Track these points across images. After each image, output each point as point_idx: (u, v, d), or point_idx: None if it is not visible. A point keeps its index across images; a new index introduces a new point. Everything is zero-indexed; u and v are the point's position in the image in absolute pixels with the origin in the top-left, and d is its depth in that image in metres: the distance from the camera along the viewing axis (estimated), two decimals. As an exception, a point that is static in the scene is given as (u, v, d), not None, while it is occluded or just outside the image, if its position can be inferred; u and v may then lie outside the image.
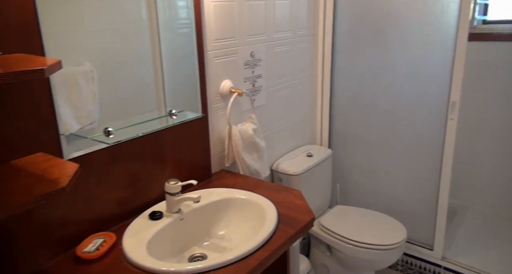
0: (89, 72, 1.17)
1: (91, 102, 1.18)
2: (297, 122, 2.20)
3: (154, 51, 1.35)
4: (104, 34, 1.18)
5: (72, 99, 1.12)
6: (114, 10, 1.19)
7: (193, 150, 1.53)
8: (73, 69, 1.12)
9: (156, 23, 1.34)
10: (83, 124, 1.16)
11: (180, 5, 1.41)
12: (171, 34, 1.39)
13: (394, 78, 2.04)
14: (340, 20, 2.12)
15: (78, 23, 1.10)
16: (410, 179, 2.13)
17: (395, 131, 2.12)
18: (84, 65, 1.15)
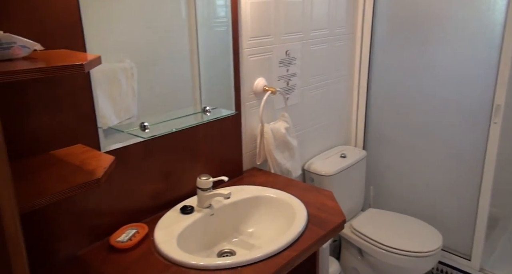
0: (129, 68, 1.21)
1: (130, 97, 1.22)
2: (331, 122, 2.16)
3: (192, 49, 1.37)
4: (144, 32, 1.21)
5: (113, 94, 1.16)
6: (154, 9, 1.22)
7: (225, 147, 1.55)
8: (114, 65, 1.17)
9: (195, 21, 1.36)
10: (122, 119, 1.20)
11: (218, 3, 1.43)
12: (208, 32, 1.41)
13: (435, 79, 1.96)
14: (380, 18, 2.06)
15: (119, 21, 1.14)
16: (448, 184, 2.05)
17: (433, 134, 2.04)
18: (124, 62, 1.19)
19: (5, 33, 0.77)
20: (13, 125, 0.94)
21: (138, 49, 1.21)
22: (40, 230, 1.04)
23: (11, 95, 0.93)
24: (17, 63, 0.77)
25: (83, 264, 1.09)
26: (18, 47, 0.78)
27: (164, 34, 1.27)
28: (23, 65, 0.75)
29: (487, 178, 1.87)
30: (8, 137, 0.94)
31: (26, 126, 0.97)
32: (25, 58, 0.81)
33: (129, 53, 1.19)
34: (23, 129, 0.96)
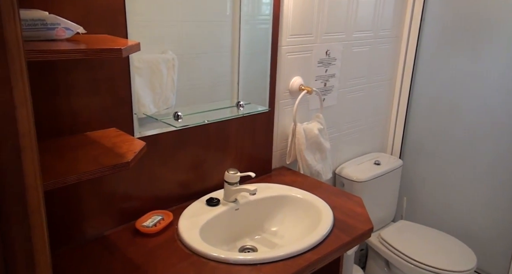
0: (171, 60, 1.23)
1: (170, 88, 1.24)
2: (368, 127, 2.10)
3: (234, 44, 1.38)
4: (188, 25, 1.23)
5: (153, 84, 1.19)
6: (199, 3, 1.23)
7: (255, 143, 1.54)
8: (157, 56, 1.19)
9: (239, 17, 1.36)
10: (160, 108, 1.23)
11: (264, 1, 1.42)
12: (251, 29, 1.41)
13: (483, 90, 1.85)
14: (429, 22, 1.98)
15: (164, 13, 1.16)
16: (488, 202, 1.93)
17: (477, 147, 1.93)
18: (167, 53, 1.22)
19: (50, 14, 0.80)
20: (54, 105, 0.98)
21: (180, 41, 1.23)
22: (71, 208, 1.08)
23: (55, 75, 0.97)
24: (59, 43, 0.79)
25: (109, 244, 1.12)
26: (61, 29, 0.81)
27: (207, 28, 1.28)
28: (65, 45, 0.78)
29: (533, 198, 1.74)
30: (49, 115, 0.98)
31: (66, 106, 1.00)
32: (68, 40, 0.84)
33: (172, 45, 1.21)
34: (63, 109, 1.00)
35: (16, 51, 0.42)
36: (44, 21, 0.78)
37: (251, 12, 1.40)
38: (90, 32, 0.98)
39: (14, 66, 0.43)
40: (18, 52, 0.42)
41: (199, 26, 1.26)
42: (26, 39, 0.78)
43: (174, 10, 1.18)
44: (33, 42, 0.77)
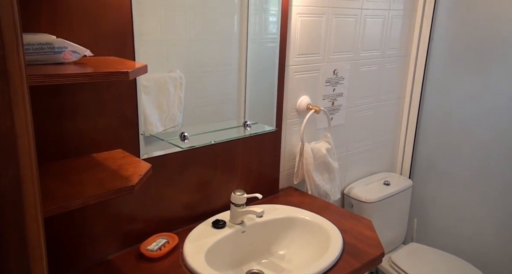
0: (178, 78, 1.23)
1: (177, 106, 1.23)
2: (377, 147, 2.07)
3: (240, 63, 1.37)
4: (195, 43, 1.23)
5: (160, 102, 1.18)
6: (207, 22, 1.23)
7: (263, 163, 1.52)
8: (165, 75, 1.19)
9: (246, 36, 1.36)
10: (166, 127, 1.22)
11: (271, 20, 1.43)
12: (258, 48, 1.41)
13: (494, 110, 1.82)
14: (437, 41, 1.97)
15: (172, 32, 1.16)
16: (500, 225, 1.87)
17: (488, 170, 1.88)
18: (174, 72, 1.22)
19: (58, 38, 0.80)
20: (60, 127, 0.97)
21: (188, 60, 1.23)
22: (74, 231, 1.06)
23: (60, 97, 0.96)
24: (67, 67, 0.79)
25: (113, 269, 1.09)
26: (69, 52, 0.81)
27: (214, 47, 1.28)
28: (71, 69, 0.77)
29: (549, 221, 1.69)
30: (54, 137, 0.97)
31: (72, 128, 0.99)
32: (75, 63, 0.83)
33: (179, 63, 1.21)
34: (69, 130, 0.99)
35: (19, 81, 0.40)
36: (51, 45, 0.78)
37: (258, 31, 1.40)
38: (98, 54, 0.98)
39: (16, 96, 0.42)
40: (21, 82, 0.41)
41: (207, 45, 1.26)
42: (33, 63, 0.77)
43: (181, 29, 1.18)
44: (39, 66, 0.77)
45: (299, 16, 1.51)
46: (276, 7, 1.41)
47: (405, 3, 1.90)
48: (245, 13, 1.34)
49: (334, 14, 1.62)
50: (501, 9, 1.73)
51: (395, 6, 1.87)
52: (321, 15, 1.58)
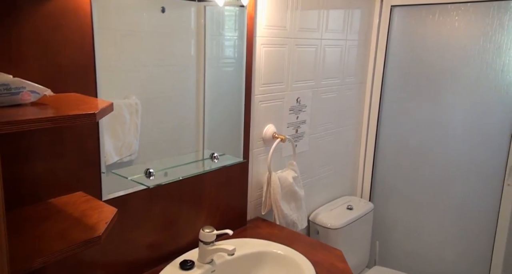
0: (134, 105, 1.17)
1: (133, 134, 1.17)
2: (339, 171, 2.10)
3: (198, 88, 1.34)
4: (151, 69, 1.19)
5: (115, 130, 1.12)
6: (163, 47, 1.20)
7: (230, 195, 1.47)
8: (120, 101, 1.13)
9: (204, 61, 1.34)
10: (122, 156, 1.15)
11: (227, 44, 1.42)
12: (216, 73, 1.39)
13: (447, 136, 1.93)
14: (391, 69, 2.06)
15: (127, 57, 1.12)
16: (459, 245, 1.96)
17: (445, 191, 1.98)
18: (130, 98, 1.16)
19: (14, 78, 0.72)
20: (14, 172, 0.88)
21: (144, 85, 1.18)
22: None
23: (14, 139, 0.87)
24: (25, 110, 0.72)
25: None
26: (27, 92, 0.73)
27: (171, 72, 1.24)
28: (31, 112, 0.70)
29: (500, 239, 1.79)
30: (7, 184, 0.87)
31: (28, 173, 0.90)
32: (34, 104, 0.76)
33: (135, 89, 1.16)
34: (24, 175, 0.89)
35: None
36: (8, 86, 0.70)
37: (216, 56, 1.38)
38: (58, 90, 0.91)
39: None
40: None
41: (163, 70, 1.22)
42: (-14, 106, 0.69)
43: (137, 55, 1.14)
44: (-6, 109, 0.69)
45: (263, 47, 1.52)
46: (232, 32, 1.41)
47: (359, 33, 1.99)
48: (202, 38, 1.32)
49: (295, 44, 1.65)
50: (449, 41, 1.86)
51: (351, 37, 1.94)
52: (283, 46, 1.60)
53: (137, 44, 1.13)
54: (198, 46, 1.32)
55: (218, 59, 1.40)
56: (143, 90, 1.18)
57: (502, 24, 1.67)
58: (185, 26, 1.26)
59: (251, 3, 1.38)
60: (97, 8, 1.00)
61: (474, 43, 1.76)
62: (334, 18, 1.81)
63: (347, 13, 1.88)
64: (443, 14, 1.84)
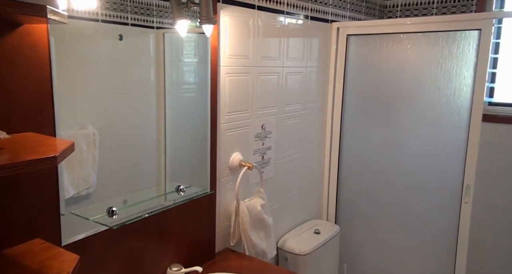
0: (92, 135, 1.12)
1: (90, 166, 1.11)
2: (305, 195, 2.11)
3: (159, 116, 1.31)
4: (109, 97, 1.15)
5: (71, 163, 1.05)
6: (123, 74, 1.17)
7: (198, 228, 1.43)
8: (76, 132, 1.08)
9: (164, 88, 1.31)
10: (79, 189, 1.09)
11: (187, 70, 1.41)
12: (176, 99, 1.36)
13: (406, 157, 2.00)
14: (350, 94, 2.13)
15: (87, 87, 1.08)
16: (423, 262, 2.01)
17: (406, 211, 2.04)
18: (87, 129, 1.11)
19: (-33, 123, 0.66)
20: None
21: (102, 114, 1.14)
22: None
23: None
24: (-23, 157, 0.65)
25: None
26: (-20, 137, 0.67)
27: (130, 100, 1.21)
28: (-16, 160, 0.64)
29: (460, 255, 1.86)
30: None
31: (-25, 221, 0.82)
32: (-13, 149, 0.70)
33: (93, 119, 1.11)
34: (-30, 224, 0.81)
35: None
36: (-44, 132, 0.64)
37: (176, 82, 1.36)
38: (14, 129, 0.84)
39: None
40: None
41: (122, 98, 1.18)
42: None
43: (94, 83, 1.10)
44: None
45: (227, 76, 1.51)
46: (192, 58, 1.40)
47: (318, 61, 2.05)
48: (162, 65, 1.30)
49: (258, 72, 1.67)
50: (403, 67, 1.95)
51: (311, 64, 1.99)
52: (247, 74, 1.61)
53: (95, 72, 1.09)
54: (158, 72, 1.30)
55: (179, 85, 1.38)
56: (101, 120, 1.14)
57: (451, 52, 1.78)
58: (144, 53, 1.24)
59: (214, 34, 1.38)
60: (55, 40, 0.95)
61: (427, 70, 1.86)
62: (294, 47, 1.85)
63: (306, 42, 1.93)
64: (397, 43, 1.94)
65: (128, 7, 1.16)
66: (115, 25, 1.13)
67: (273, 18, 1.70)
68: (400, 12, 2.50)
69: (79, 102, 1.07)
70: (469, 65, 1.74)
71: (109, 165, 1.17)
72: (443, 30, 1.79)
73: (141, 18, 1.20)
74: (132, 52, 1.20)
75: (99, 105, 1.12)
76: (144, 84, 1.25)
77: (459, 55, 1.76)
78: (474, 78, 1.73)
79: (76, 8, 1.00)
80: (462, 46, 1.75)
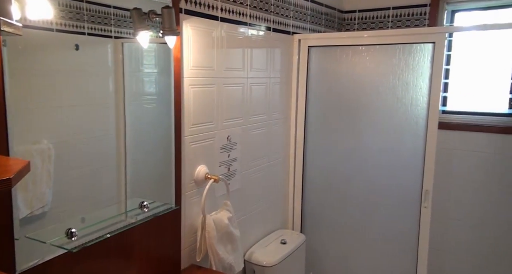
0: (47, 150, 1.06)
1: (45, 183, 1.05)
2: (271, 206, 2.11)
3: (119, 128, 1.26)
4: (67, 109, 1.10)
5: (24, 180, 0.98)
6: (80, 85, 1.13)
7: (162, 245, 1.38)
8: (30, 147, 1.02)
9: (123, 98, 1.27)
10: (33, 208, 1.02)
11: (147, 80, 1.38)
12: (137, 110, 1.32)
13: (367, 164, 2.06)
14: (313, 104, 2.17)
15: (41, 99, 1.02)
16: (385, 268, 2.06)
17: (369, 217, 2.08)
18: (41, 143, 1.05)
19: None
20: None
21: (58, 127, 1.08)
22: None
23: None
24: None
25: None
26: None
27: (88, 112, 1.16)
28: None
29: (421, 259, 1.92)
30: None
31: None
32: None
33: (48, 133, 1.06)
34: None
35: None
36: None
37: (136, 93, 1.32)
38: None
39: None
40: None
41: (79, 110, 1.13)
42: None
43: (52, 95, 1.05)
44: None
45: (191, 88, 1.49)
46: (152, 68, 1.37)
47: (281, 71, 2.06)
48: (121, 75, 1.26)
49: (223, 83, 1.65)
50: (363, 78, 2.01)
51: (274, 75, 2.01)
52: (211, 86, 1.59)
53: (50, 84, 1.04)
54: (117, 83, 1.25)
55: (139, 96, 1.35)
56: (57, 133, 1.08)
57: (407, 64, 1.86)
58: (102, 63, 1.20)
59: (177, 45, 1.35)
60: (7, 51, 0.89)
61: (385, 81, 1.93)
62: (257, 58, 1.86)
63: (269, 53, 1.94)
64: (356, 54, 2.00)
65: (85, 16, 1.11)
66: (71, 34, 1.09)
67: (236, 29, 1.70)
68: (358, 25, 2.59)
69: (33, 116, 1.01)
70: (424, 76, 1.83)
71: (66, 181, 1.11)
72: (399, 43, 1.87)
73: (98, 27, 1.16)
74: (90, 63, 1.16)
75: (54, 118, 1.07)
76: (102, 96, 1.21)
77: (415, 67, 1.85)
78: (429, 89, 1.82)
79: (30, 18, 0.95)
80: (418, 58, 1.83)
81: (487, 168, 2.29)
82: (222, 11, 1.60)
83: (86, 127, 1.16)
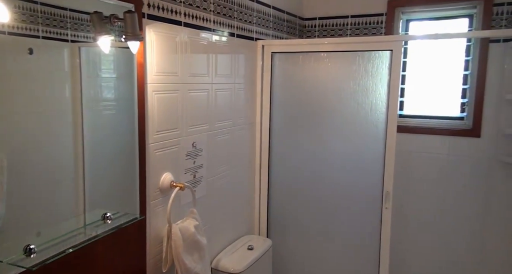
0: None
1: None
2: (237, 211, 2.10)
3: (76, 135, 1.21)
4: (19, 117, 1.04)
5: None
6: (34, 91, 1.07)
7: (127, 257, 1.33)
8: None
9: (80, 104, 1.22)
10: None
11: (106, 85, 1.33)
12: (95, 116, 1.27)
13: (330, 168, 2.10)
14: (277, 109, 2.19)
15: None
16: (351, 267, 2.11)
17: (333, 219, 2.13)
18: None
19: None
20: None
21: (9, 136, 1.02)
22: None
23: None
24: None
25: None
26: None
27: (43, 120, 1.10)
28: None
29: (383, 259, 1.98)
30: None
31: None
32: None
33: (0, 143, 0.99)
34: None
35: None
36: None
37: (94, 98, 1.27)
38: None
39: None
40: None
41: (33, 118, 1.08)
42: None
43: (1, 101, 0.99)
44: None
45: (155, 94, 1.45)
46: (111, 73, 1.33)
47: (245, 77, 2.07)
48: (78, 80, 1.22)
49: (188, 89, 1.63)
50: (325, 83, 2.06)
51: (238, 80, 2.01)
52: (176, 92, 1.56)
53: (1, 89, 0.98)
54: (74, 88, 1.20)
55: (98, 102, 1.30)
56: (10, 143, 1.02)
57: (367, 70, 1.92)
58: (58, 68, 1.15)
59: (140, 50, 1.32)
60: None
61: (346, 86, 1.99)
62: (222, 63, 1.85)
63: (234, 58, 1.94)
64: (318, 60, 2.04)
65: (39, 19, 1.06)
66: (24, 38, 1.03)
67: (200, 35, 1.68)
68: (318, 32, 2.65)
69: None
70: (383, 82, 1.90)
71: (20, 193, 1.05)
72: (359, 50, 1.93)
73: (54, 30, 1.11)
74: (44, 67, 1.10)
75: (6, 126, 1.01)
76: (58, 102, 1.16)
77: (375, 73, 1.91)
78: (388, 94, 1.89)
79: (-19, 21, 0.89)
80: (377, 65, 1.90)
81: (442, 168, 2.42)
82: (185, 16, 1.58)
83: (42, 135, 1.10)
